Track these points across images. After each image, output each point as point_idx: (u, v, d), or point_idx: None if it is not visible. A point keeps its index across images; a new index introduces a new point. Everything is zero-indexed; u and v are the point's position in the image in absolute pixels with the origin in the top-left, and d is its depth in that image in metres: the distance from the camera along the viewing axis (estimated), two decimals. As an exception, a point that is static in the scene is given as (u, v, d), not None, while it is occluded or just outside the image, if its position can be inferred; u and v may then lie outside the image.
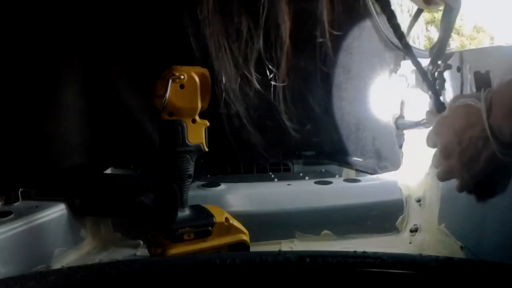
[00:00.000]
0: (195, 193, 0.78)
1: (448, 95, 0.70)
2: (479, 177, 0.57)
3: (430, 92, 0.69)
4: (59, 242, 0.71)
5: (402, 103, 0.91)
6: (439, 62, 0.70)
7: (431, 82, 0.66)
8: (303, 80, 1.15)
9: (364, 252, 0.45)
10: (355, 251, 0.46)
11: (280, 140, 1.19)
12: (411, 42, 0.99)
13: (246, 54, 0.62)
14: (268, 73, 0.66)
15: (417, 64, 0.64)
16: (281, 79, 0.63)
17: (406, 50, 0.61)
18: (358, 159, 1.12)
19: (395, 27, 0.56)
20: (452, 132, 0.56)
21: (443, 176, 0.61)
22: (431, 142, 0.61)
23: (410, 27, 0.75)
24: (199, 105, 0.63)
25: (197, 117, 0.64)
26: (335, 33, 0.81)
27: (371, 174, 1.03)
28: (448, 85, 0.70)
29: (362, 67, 1.07)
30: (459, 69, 0.66)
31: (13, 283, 0.39)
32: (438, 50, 0.67)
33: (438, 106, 0.67)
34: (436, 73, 0.71)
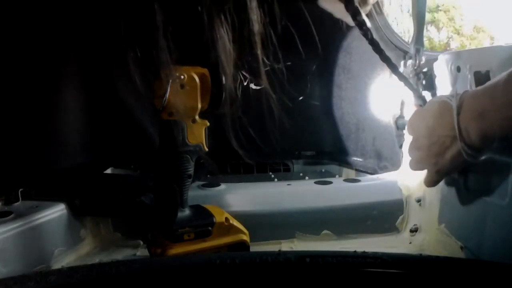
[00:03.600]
0: (195, 193, 0.78)
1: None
2: (445, 174, 0.60)
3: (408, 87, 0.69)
4: (59, 242, 0.71)
5: (402, 103, 0.91)
6: (422, 57, 0.70)
7: (403, 76, 0.66)
8: (304, 80, 1.16)
9: (364, 252, 0.45)
10: (355, 251, 0.46)
11: (280, 140, 1.19)
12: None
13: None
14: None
15: (386, 59, 0.64)
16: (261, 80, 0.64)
17: (374, 47, 0.62)
18: (358, 159, 1.12)
19: (360, 24, 0.56)
20: (425, 125, 0.59)
21: (414, 166, 0.65)
22: (409, 131, 0.65)
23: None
24: (199, 105, 0.63)
25: (197, 117, 0.64)
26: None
27: (371, 174, 1.03)
28: (448, 85, 0.70)
29: (362, 67, 1.07)
30: (459, 69, 0.66)
31: (13, 283, 0.39)
32: (416, 42, 0.68)
33: (419, 100, 0.68)
34: (419, 68, 0.71)
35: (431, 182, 0.63)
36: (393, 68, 0.64)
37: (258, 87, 0.63)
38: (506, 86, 0.46)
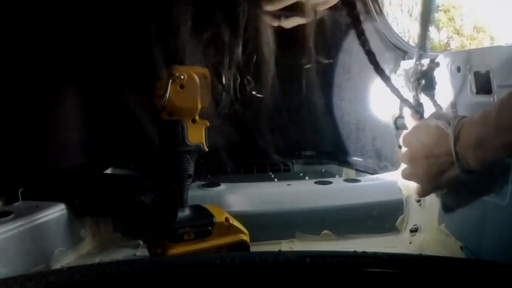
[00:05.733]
0: (195, 193, 0.78)
1: (448, 95, 0.70)
2: (439, 190, 0.63)
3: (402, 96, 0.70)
4: (59, 242, 0.71)
5: (402, 103, 0.90)
6: (424, 60, 0.71)
7: (393, 84, 0.67)
8: (303, 80, 1.15)
9: (364, 252, 0.45)
10: (355, 251, 0.46)
11: (280, 140, 1.19)
12: (411, 42, 0.99)
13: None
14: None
15: (380, 72, 0.65)
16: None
17: (370, 57, 0.63)
18: (358, 159, 1.12)
19: (360, 32, 0.57)
20: (422, 145, 0.60)
21: (406, 177, 0.67)
22: (404, 144, 0.66)
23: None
24: (199, 105, 0.63)
25: (197, 117, 0.64)
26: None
27: (371, 174, 1.03)
28: (448, 85, 0.70)
29: (362, 67, 1.07)
30: (459, 69, 0.66)
31: (13, 283, 0.39)
32: (420, 48, 0.69)
33: (412, 109, 0.69)
34: (420, 72, 0.71)
35: (424, 194, 0.65)
36: (386, 80, 0.65)
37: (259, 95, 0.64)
38: (498, 113, 0.48)
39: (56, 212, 0.72)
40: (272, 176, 1.20)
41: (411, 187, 0.82)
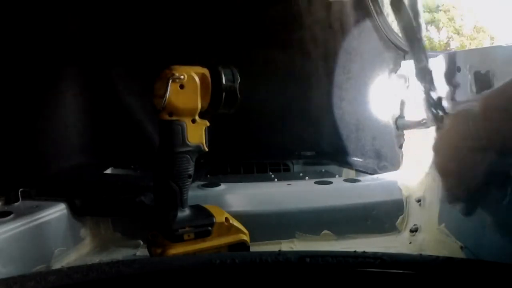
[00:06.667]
0: (195, 193, 0.77)
1: (448, 95, 0.70)
2: (472, 190, 0.56)
3: (427, 93, 0.69)
4: (59, 242, 0.71)
5: (402, 103, 0.91)
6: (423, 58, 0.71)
7: (432, 84, 0.66)
8: (303, 80, 1.16)
9: (364, 252, 0.45)
10: (355, 251, 0.46)
11: (280, 140, 1.19)
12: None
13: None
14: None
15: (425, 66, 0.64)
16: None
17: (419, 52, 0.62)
18: (358, 159, 1.12)
19: (418, 28, 0.56)
20: (449, 147, 0.56)
21: (450, 200, 0.60)
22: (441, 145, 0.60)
23: None
24: (199, 105, 0.63)
25: (197, 117, 0.64)
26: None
27: (371, 174, 1.03)
28: (448, 85, 0.70)
29: (362, 67, 1.07)
30: (459, 69, 0.66)
31: (13, 283, 0.39)
32: (418, 45, 0.68)
33: (438, 108, 0.68)
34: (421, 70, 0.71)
35: (456, 200, 0.59)
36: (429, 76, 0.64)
37: None
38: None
39: (56, 212, 0.72)
40: (272, 176, 1.20)
41: (411, 187, 0.82)
